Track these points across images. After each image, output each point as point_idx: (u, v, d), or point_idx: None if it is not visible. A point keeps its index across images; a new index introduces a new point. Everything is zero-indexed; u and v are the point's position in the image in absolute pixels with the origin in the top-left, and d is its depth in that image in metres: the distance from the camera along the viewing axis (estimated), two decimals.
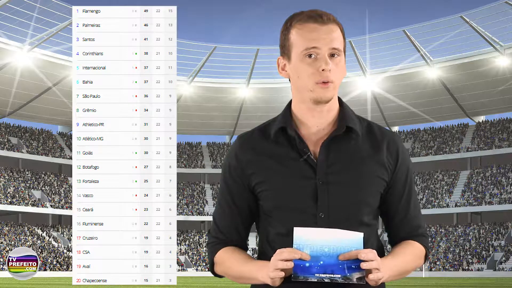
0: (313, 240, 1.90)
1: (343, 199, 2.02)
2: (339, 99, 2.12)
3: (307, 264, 1.88)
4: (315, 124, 2.07)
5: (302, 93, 2.03)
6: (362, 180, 2.04)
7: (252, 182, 2.09)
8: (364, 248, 1.97)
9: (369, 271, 1.91)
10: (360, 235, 1.92)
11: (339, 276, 1.89)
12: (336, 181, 2.02)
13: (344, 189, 2.02)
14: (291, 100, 2.13)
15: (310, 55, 1.99)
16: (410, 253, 2.10)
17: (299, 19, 2.04)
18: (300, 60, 2.01)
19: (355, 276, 1.90)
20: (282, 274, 1.90)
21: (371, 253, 1.90)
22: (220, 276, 2.20)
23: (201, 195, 78.27)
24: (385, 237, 58.34)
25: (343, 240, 1.90)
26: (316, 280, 1.89)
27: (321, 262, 1.88)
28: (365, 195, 2.04)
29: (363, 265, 1.88)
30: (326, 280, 1.89)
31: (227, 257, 2.13)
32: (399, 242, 2.15)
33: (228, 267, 2.11)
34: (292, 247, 1.91)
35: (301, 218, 2.00)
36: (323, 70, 1.97)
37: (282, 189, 2.03)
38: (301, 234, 1.90)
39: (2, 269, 53.87)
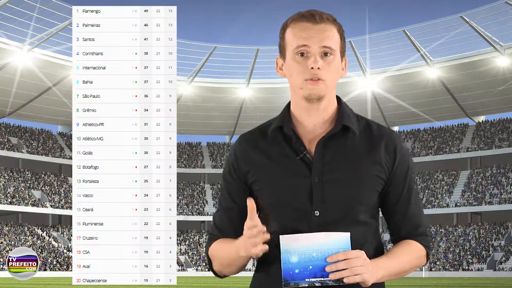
0: (300, 246, 1.90)
1: (338, 197, 2.02)
2: (338, 98, 2.14)
3: (297, 271, 1.89)
4: (311, 122, 2.08)
5: (296, 91, 2.06)
6: (358, 179, 2.04)
7: (249, 180, 2.11)
8: (356, 247, 1.97)
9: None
10: (347, 235, 1.92)
11: (330, 279, 1.89)
12: (331, 179, 2.03)
13: (339, 188, 2.02)
14: (290, 100, 2.14)
15: (301, 54, 2.02)
16: (408, 253, 2.08)
17: (293, 19, 2.07)
18: (292, 59, 2.04)
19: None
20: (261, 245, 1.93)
21: (355, 254, 1.90)
22: (221, 276, 2.20)
23: (201, 195, 78.27)
24: (385, 237, 58.42)
25: (330, 243, 1.90)
26: (307, 285, 1.89)
27: (311, 267, 1.89)
28: (361, 193, 2.04)
29: (327, 268, 1.88)
30: (317, 285, 1.89)
31: (217, 247, 2.14)
32: (399, 241, 2.14)
33: (219, 257, 2.13)
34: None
35: (296, 216, 2.00)
36: (311, 68, 1.99)
37: (278, 187, 2.05)
38: (287, 241, 1.91)
39: (2, 269, 53.86)
